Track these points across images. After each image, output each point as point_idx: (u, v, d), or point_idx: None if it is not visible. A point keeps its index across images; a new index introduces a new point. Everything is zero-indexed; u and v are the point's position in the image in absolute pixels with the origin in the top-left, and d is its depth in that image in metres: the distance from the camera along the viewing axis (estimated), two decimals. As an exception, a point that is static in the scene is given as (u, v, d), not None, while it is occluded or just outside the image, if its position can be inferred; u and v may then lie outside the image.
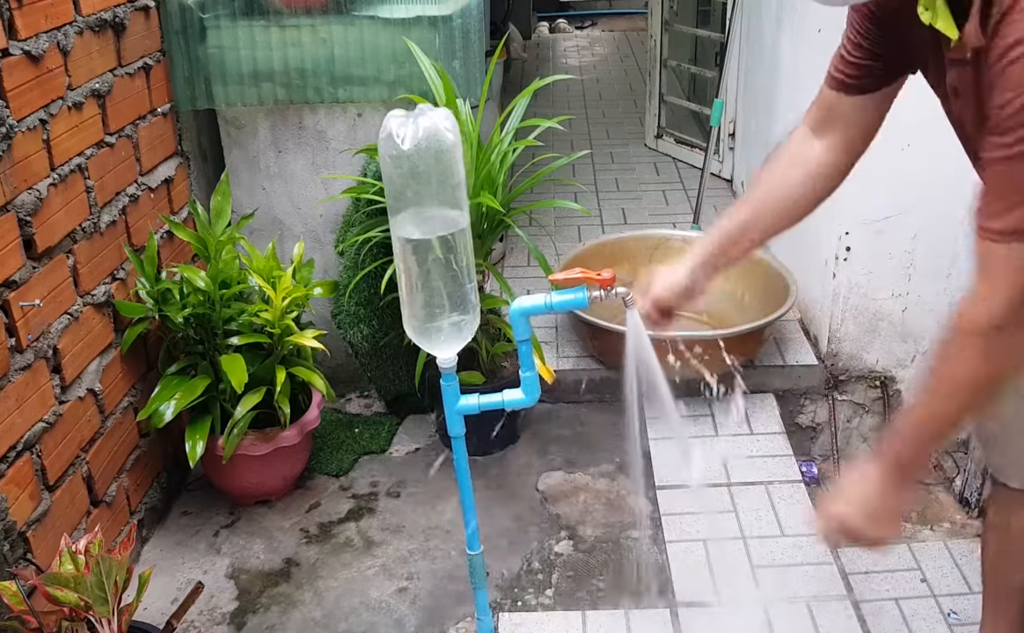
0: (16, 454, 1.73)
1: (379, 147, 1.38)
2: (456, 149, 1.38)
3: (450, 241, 1.40)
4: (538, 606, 2.03)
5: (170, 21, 2.39)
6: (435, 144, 1.35)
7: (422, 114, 1.35)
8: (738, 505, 2.25)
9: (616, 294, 1.42)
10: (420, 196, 1.39)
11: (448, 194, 1.40)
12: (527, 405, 1.55)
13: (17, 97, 1.73)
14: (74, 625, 1.56)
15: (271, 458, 2.26)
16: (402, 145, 1.34)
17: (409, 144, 1.34)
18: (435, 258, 1.40)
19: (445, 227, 1.40)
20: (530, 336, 1.49)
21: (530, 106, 2.46)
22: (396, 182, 1.39)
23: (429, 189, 1.39)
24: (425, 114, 1.35)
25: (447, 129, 1.36)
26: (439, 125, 1.35)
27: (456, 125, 1.39)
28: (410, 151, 1.34)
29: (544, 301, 1.44)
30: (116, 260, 2.12)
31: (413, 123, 1.34)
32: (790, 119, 2.97)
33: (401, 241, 1.41)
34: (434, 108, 1.38)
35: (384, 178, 1.41)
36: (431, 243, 1.40)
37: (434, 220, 1.40)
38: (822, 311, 2.61)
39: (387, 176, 1.39)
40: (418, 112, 1.36)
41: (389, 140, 1.35)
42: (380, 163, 1.41)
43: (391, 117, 1.36)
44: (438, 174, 1.38)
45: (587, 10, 8.28)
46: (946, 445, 1.36)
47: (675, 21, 4.33)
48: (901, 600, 1.99)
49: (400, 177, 1.38)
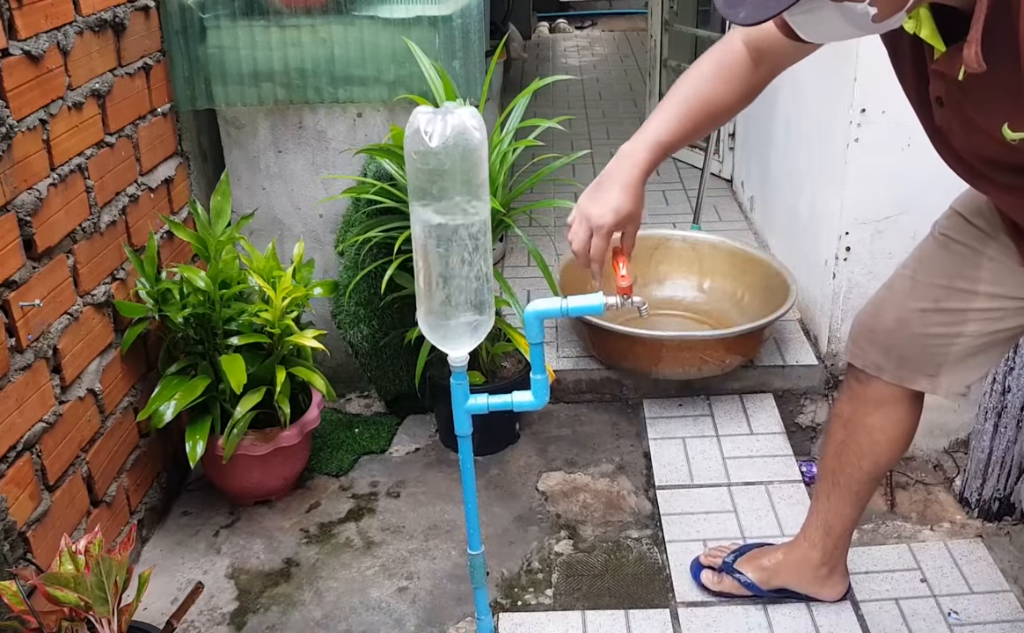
0: (16, 454, 1.73)
1: (405, 142, 1.38)
2: (482, 148, 1.38)
3: (476, 236, 1.41)
4: (538, 606, 2.03)
5: (170, 21, 2.39)
6: (463, 142, 1.35)
7: (450, 112, 1.35)
8: (738, 505, 2.25)
9: (632, 303, 1.42)
10: (445, 192, 1.39)
11: (473, 192, 1.40)
12: (536, 408, 1.55)
13: (17, 97, 1.73)
14: (74, 625, 1.55)
15: (271, 458, 2.26)
16: (430, 142, 1.34)
17: (437, 141, 1.34)
18: (459, 253, 1.40)
19: (471, 220, 1.40)
20: (543, 340, 1.49)
21: (530, 106, 2.46)
22: (421, 178, 1.38)
23: (455, 186, 1.38)
24: (453, 112, 1.35)
25: (475, 128, 1.36)
26: (467, 123, 1.35)
27: (483, 124, 1.38)
28: (437, 148, 1.34)
29: (560, 306, 1.44)
30: (116, 260, 2.12)
31: (441, 120, 1.34)
32: (790, 119, 2.98)
33: (425, 231, 1.41)
34: (462, 106, 1.38)
35: (408, 173, 1.40)
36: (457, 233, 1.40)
37: (459, 214, 1.40)
38: (822, 311, 2.61)
39: (412, 171, 1.39)
40: (446, 109, 1.36)
41: (416, 136, 1.34)
42: (405, 157, 1.40)
43: (419, 113, 1.36)
44: (463, 172, 1.38)
45: (587, 10, 8.29)
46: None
47: (675, 21, 4.32)
48: (901, 600, 1.99)
49: (426, 173, 1.37)
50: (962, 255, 1.53)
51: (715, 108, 1.47)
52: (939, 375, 1.60)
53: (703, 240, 2.96)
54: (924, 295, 1.57)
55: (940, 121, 1.25)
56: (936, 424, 2.51)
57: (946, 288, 1.55)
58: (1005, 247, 1.48)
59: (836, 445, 1.77)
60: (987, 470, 2.23)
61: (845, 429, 1.75)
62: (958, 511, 2.33)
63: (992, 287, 1.50)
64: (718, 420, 2.55)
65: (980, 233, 1.51)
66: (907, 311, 1.60)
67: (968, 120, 1.18)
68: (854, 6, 0.98)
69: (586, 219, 1.44)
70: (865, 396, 1.70)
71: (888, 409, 1.68)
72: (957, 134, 1.24)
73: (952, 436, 2.53)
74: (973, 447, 2.28)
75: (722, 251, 2.91)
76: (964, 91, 1.12)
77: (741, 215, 3.61)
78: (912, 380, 1.63)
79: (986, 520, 2.27)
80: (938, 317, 1.56)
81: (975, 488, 2.28)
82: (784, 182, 3.06)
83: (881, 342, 1.64)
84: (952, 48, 1.09)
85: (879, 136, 2.31)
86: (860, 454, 1.73)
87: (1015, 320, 1.52)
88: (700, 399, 2.62)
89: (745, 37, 1.42)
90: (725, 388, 2.63)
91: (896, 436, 1.71)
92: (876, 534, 2.24)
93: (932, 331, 1.57)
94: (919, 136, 1.97)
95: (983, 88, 1.08)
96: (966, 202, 1.54)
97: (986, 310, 1.52)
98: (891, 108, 2.28)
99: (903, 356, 1.62)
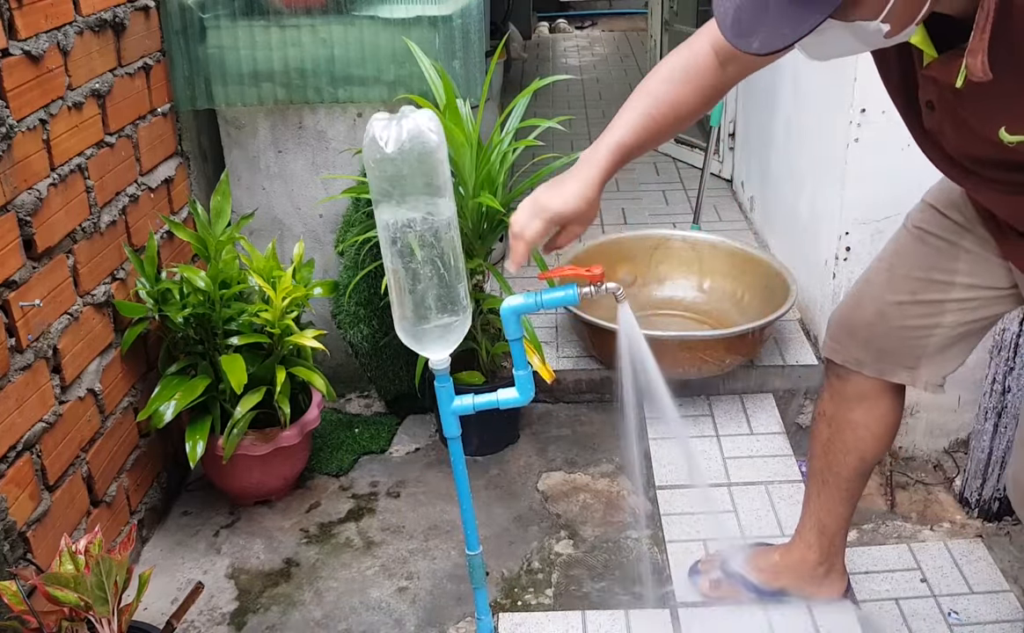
0: (16, 454, 1.73)
1: (363, 151, 1.37)
2: (440, 150, 1.37)
3: (434, 241, 1.40)
4: (538, 606, 2.03)
5: (170, 21, 2.39)
6: (419, 146, 1.34)
7: (405, 116, 1.35)
8: (738, 505, 2.25)
9: (607, 290, 1.41)
10: (405, 198, 1.38)
11: (433, 195, 1.39)
12: (522, 404, 1.55)
13: (17, 97, 1.73)
14: (74, 625, 1.55)
15: (271, 458, 2.26)
16: (385, 148, 1.33)
17: (393, 147, 1.33)
18: (421, 258, 1.40)
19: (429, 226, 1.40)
20: (522, 335, 1.49)
21: (530, 106, 2.46)
22: (381, 185, 1.38)
23: (414, 191, 1.38)
24: (408, 116, 1.35)
25: (431, 130, 1.35)
26: (422, 127, 1.34)
27: (440, 126, 1.38)
28: (394, 154, 1.33)
29: (534, 299, 1.44)
30: (116, 260, 2.12)
31: (396, 126, 1.34)
32: (790, 119, 2.98)
33: (387, 242, 1.41)
34: (417, 109, 1.37)
35: (369, 182, 1.40)
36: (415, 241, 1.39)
37: (418, 220, 1.40)
38: (822, 311, 2.61)
39: (372, 179, 1.39)
40: (401, 114, 1.36)
41: (373, 144, 1.34)
42: (365, 166, 1.40)
43: (374, 120, 1.35)
44: (423, 176, 1.37)
45: (587, 10, 8.28)
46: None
47: (675, 21, 4.33)
48: (901, 600, 1.99)
49: (384, 180, 1.37)
50: (938, 248, 1.54)
51: (681, 112, 1.43)
52: (918, 367, 1.62)
53: (703, 240, 2.96)
54: (901, 288, 1.58)
55: (930, 124, 1.26)
56: (936, 424, 2.51)
57: (923, 280, 1.56)
58: (982, 240, 1.50)
59: (822, 444, 1.78)
60: (987, 470, 2.23)
61: (829, 427, 1.76)
62: (958, 511, 2.33)
63: (969, 278, 1.52)
64: (718, 420, 2.55)
65: (955, 226, 1.52)
66: (885, 304, 1.61)
67: (962, 123, 1.18)
68: (866, 25, 0.98)
69: (533, 202, 1.41)
70: (846, 392, 1.71)
71: (870, 404, 1.69)
72: (948, 136, 1.24)
73: (952, 436, 2.53)
74: (973, 447, 2.28)
75: (722, 251, 2.91)
76: (959, 96, 1.12)
77: (741, 215, 3.61)
78: (892, 373, 1.64)
79: (986, 520, 2.27)
80: (916, 309, 1.57)
81: (975, 488, 2.28)
82: (784, 182, 3.06)
83: (861, 336, 1.65)
84: (947, 54, 1.09)
85: (879, 136, 2.31)
86: (846, 450, 1.74)
87: (990, 309, 1.55)
88: (700, 399, 2.62)
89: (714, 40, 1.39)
90: (725, 388, 2.63)
91: (880, 430, 1.72)
92: (876, 534, 2.24)
93: (910, 323, 1.58)
94: (919, 136, 1.95)
95: (981, 94, 1.08)
96: (939, 195, 1.56)
97: (963, 300, 1.54)
98: (891, 108, 2.25)
99: (882, 349, 1.63)
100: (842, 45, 1.03)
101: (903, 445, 2.53)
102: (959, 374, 1.70)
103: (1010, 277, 1.50)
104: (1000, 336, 2.14)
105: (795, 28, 0.93)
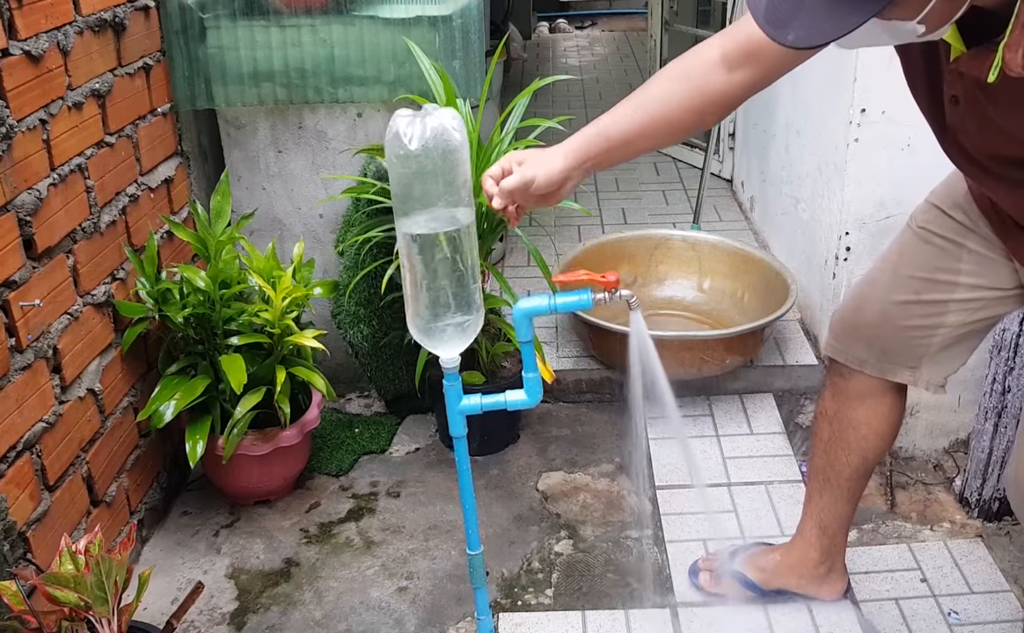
0: (16, 454, 1.73)
1: (386, 147, 1.38)
2: (463, 149, 1.38)
3: (456, 239, 1.40)
4: (538, 606, 2.03)
5: (170, 21, 2.39)
6: (442, 144, 1.35)
7: (429, 114, 1.35)
8: (738, 505, 2.25)
9: (621, 297, 1.42)
10: (427, 195, 1.39)
11: (455, 193, 1.40)
12: (529, 406, 1.55)
13: (17, 97, 1.73)
14: (74, 625, 1.55)
15: (271, 458, 2.26)
16: (409, 145, 1.34)
17: (416, 144, 1.34)
18: (441, 256, 1.40)
19: (451, 224, 1.40)
20: (533, 337, 1.49)
21: (530, 106, 2.46)
22: (403, 182, 1.38)
23: (436, 188, 1.39)
24: (432, 114, 1.35)
25: (454, 128, 1.36)
26: (446, 124, 1.35)
27: (463, 125, 1.39)
28: (417, 151, 1.34)
29: (548, 303, 1.44)
30: (116, 260, 2.12)
31: (420, 123, 1.34)
32: (790, 118, 2.98)
33: (407, 238, 1.41)
34: (441, 108, 1.38)
35: (391, 178, 1.40)
36: (437, 239, 1.40)
37: (440, 218, 1.40)
38: (822, 311, 2.61)
39: (394, 176, 1.39)
40: (425, 112, 1.36)
41: (396, 140, 1.35)
42: (387, 163, 1.41)
43: (398, 116, 1.36)
44: (445, 173, 1.38)
45: (587, 10, 8.28)
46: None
47: (675, 21, 4.33)
48: (901, 600, 1.99)
49: (407, 177, 1.37)
50: (942, 248, 1.54)
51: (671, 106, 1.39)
52: (920, 367, 1.62)
53: (703, 240, 2.96)
54: (905, 288, 1.58)
55: (952, 119, 1.24)
56: (936, 424, 2.51)
57: (927, 280, 1.56)
58: (986, 240, 1.50)
59: (824, 443, 1.78)
60: (987, 470, 2.23)
61: (831, 426, 1.75)
62: (958, 511, 2.33)
63: (973, 279, 1.52)
64: (718, 420, 2.55)
65: (959, 226, 1.52)
66: (889, 304, 1.61)
67: (987, 119, 1.17)
68: (903, 24, 0.97)
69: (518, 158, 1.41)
70: (848, 391, 1.71)
71: (873, 402, 1.69)
72: (971, 133, 1.23)
73: (952, 436, 2.53)
74: (973, 447, 2.28)
75: (722, 251, 2.91)
76: (988, 92, 1.11)
77: (741, 215, 3.61)
78: (894, 372, 1.64)
79: (986, 520, 2.27)
80: (920, 309, 1.57)
81: (975, 488, 2.28)
82: (784, 182, 3.05)
83: (864, 336, 1.65)
84: (978, 49, 1.07)
85: (879, 136, 2.31)
86: (848, 450, 1.74)
87: (993, 309, 1.55)
88: (700, 399, 2.62)
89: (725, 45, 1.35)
90: (725, 388, 2.63)
91: (883, 429, 1.72)
92: (876, 534, 2.24)
93: (914, 323, 1.59)
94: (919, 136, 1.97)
95: (1013, 90, 1.07)
96: (943, 196, 1.56)
97: (966, 300, 1.54)
98: (891, 108, 2.28)
99: (885, 349, 1.63)
100: (872, 38, 1.02)
101: (903, 445, 2.53)
102: (959, 374, 1.70)
103: (1014, 277, 1.50)
104: (1000, 336, 2.14)
105: (837, 26, 0.92)
